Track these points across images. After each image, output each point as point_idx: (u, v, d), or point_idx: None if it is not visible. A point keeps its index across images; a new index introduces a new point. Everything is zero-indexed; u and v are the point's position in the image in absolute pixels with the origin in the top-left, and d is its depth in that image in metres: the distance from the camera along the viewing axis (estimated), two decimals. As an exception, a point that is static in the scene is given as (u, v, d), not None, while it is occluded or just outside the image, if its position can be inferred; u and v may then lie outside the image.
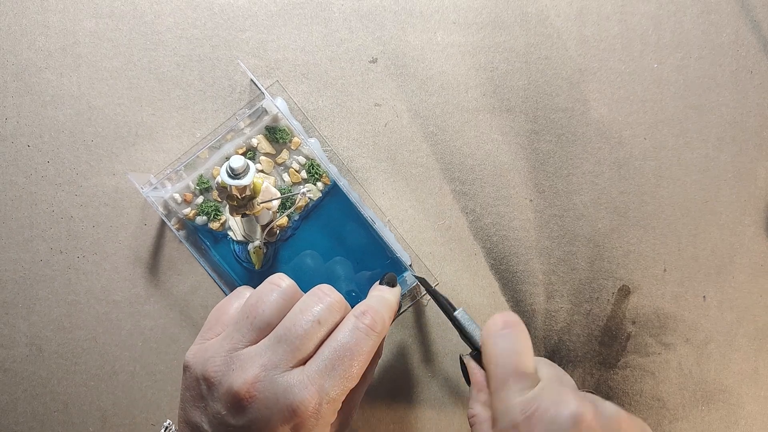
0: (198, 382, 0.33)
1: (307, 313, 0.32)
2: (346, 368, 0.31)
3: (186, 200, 0.42)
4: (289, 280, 0.35)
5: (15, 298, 0.44)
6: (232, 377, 0.31)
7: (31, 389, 0.44)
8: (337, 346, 0.32)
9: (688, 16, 0.45)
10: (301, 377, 0.31)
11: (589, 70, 0.44)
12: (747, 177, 0.45)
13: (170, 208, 0.43)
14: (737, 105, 0.45)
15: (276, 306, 0.33)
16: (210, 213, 0.42)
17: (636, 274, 0.45)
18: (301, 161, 0.43)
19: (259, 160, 0.42)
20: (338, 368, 0.31)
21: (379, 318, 0.34)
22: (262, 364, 0.31)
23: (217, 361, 0.32)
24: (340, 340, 0.32)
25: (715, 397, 0.45)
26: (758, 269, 0.45)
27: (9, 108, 0.44)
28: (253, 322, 0.33)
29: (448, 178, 0.44)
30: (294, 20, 0.44)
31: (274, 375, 0.31)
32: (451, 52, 0.44)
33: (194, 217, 0.43)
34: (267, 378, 0.31)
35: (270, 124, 0.42)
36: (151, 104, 0.44)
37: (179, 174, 0.42)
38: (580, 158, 0.44)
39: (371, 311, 0.33)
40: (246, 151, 0.43)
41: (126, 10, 0.44)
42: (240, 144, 0.42)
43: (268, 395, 0.30)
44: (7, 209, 0.44)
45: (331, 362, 0.31)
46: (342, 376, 0.31)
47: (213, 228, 0.43)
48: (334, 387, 0.31)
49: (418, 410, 0.44)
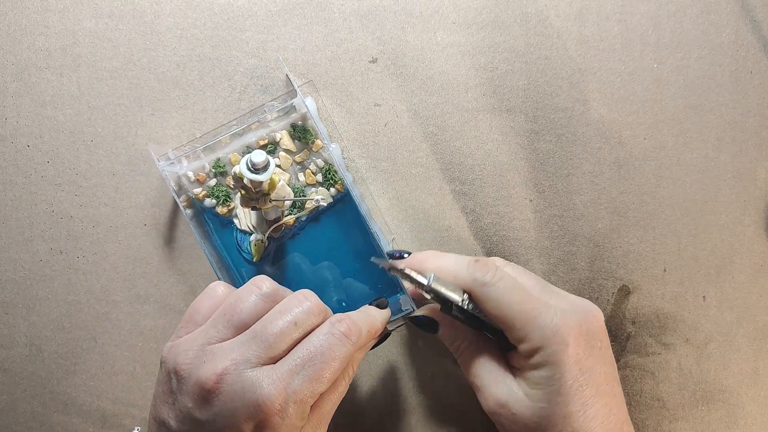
0: (169, 376, 0.33)
1: (285, 314, 0.33)
2: (316, 371, 0.31)
3: (199, 180, 0.42)
4: (272, 283, 0.35)
5: (15, 298, 0.44)
6: (201, 369, 0.31)
7: (30, 389, 0.44)
8: (309, 348, 0.32)
9: (687, 17, 0.45)
10: (269, 373, 0.31)
11: (589, 70, 0.44)
12: (747, 177, 0.45)
13: (182, 185, 0.43)
14: (737, 105, 0.45)
15: (254, 307, 0.34)
16: (220, 197, 0.42)
17: (636, 274, 0.45)
18: (319, 164, 0.43)
19: (278, 155, 0.42)
20: (308, 369, 0.31)
21: (356, 328, 0.34)
22: (232, 359, 0.31)
23: (189, 354, 0.32)
24: (314, 342, 0.32)
25: (715, 397, 0.45)
26: (758, 269, 0.45)
27: (9, 108, 0.44)
28: (230, 320, 0.33)
29: (448, 178, 0.44)
30: (294, 20, 0.44)
31: (243, 369, 0.31)
32: (451, 52, 0.44)
33: (203, 198, 0.42)
34: (236, 371, 0.31)
35: (296, 122, 0.43)
36: (150, 104, 0.44)
37: (197, 153, 0.42)
38: (580, 158, 0.44)
39: (348, 320, 0.34)
40: (267, 143, 0.42)
41: (126, 10, 0.44)
42: (263, 136, 0.42)
43: (235, 388, 0.30)
44: (7, 209, 0.44)
45: (302, 362, 0.31)
46: (311, 377, 0.31)
47: (220, 212, 0.43)
48: (302, 388, 0.31)
49: (419, 412, 0.44)
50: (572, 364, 0.33)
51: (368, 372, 0.44)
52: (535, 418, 0.33)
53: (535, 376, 0.33)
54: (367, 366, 0.44)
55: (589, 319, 0.35)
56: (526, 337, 0.33)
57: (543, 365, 0.33)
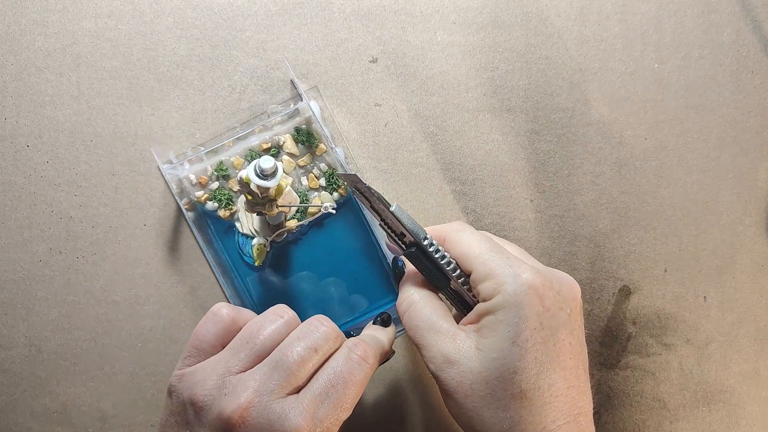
0: (184, 406, 0.32)
1: (304, 340, 0.32)
2: (339, 397, 0.31)
3: (201, 183, 0.42)
4: (291, 312, 0.34)
5: (14, 298, 0.44)
6: (223, 402, 0.30)
7: (30, 390, 0.44)
8: (331, 374, 0.31)
9: (688, 16, 0.45)
10: (296, 404, 0.30)
11: (589, 70, 0.44)
12: (748, 177, 0.45)
13: (183, 187, 0.43)
14: (738, 105, 0.45)
15: (278, 335, 0.33)
16: (222, 201, 0.42)
17: (637, 275, 0.44)
18: (323, 168, 0.43)
19: (282, 159, 0.42)
20: (332, 396, 0.31)
21: (371, 351, 0.33)
22: (255, 389, 0.30)
23: (208, 384, 0.31)
24: (334, 368, 0.32)
25: (716, 397, 0.45)
26: (759, 269, 0.45)
27: (8, 108, 0.44)
28: (253, 348, 0.32)
29: (449, 178, 0.44)
30: (294, 20, 0.44)
31: (268, 401, 0.30)
32: (452, 52, 0.44)
33: (205, 201, 0.42)
34: (261, 403, 0.30)
35: (300, 125, 0.42)
36: (150, 104, 0.44)
37: (199, 156, 0.42)
38: (580, 158, 0.44)
39: (363, 344, 0.33)
40: (271, 147, 0.42)
41: (125, 9, 0.44)
42: (266, 139, 0.42)
43: (262, 421, 0.30)
44: (6, 209, 0.44)
45: (326, 390, 0.31)
46: (335, 405, 0.31)
47: (221, 216, 0.43)
48: (327, 416, 0.30)
49: (419, 411, 0.44)
50: (533, 315, 0.31)
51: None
52: (483, 371, 0.31)
53: (491, 321, 0.31)
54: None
55: (563, 282, 0.33)
56: (489, 274, 0.32)
57: (501, 307, 0.31)
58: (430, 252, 0.34)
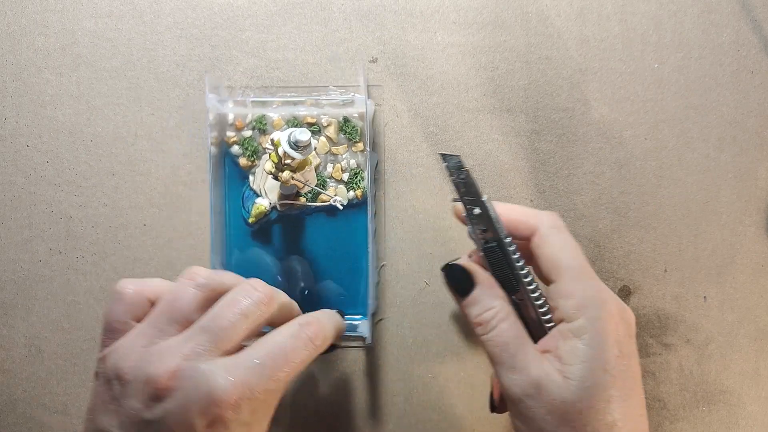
0: (110, 383, 0.30)
1: (234, 306, 0.31)
2: (274, 369, 0.30)
3: (237, 126, 0.43)
4: (207, 273, 0.33)
5: (14, 298, 0.44)
6: (150, 369, 0.29)
7: (30, 390, 0.44)
8: (272, 347, 0.30)
9: (688, 16, 0.45)
10: (226, 365, 0.29)
11: (589, 70, 0.44)
12: (748, 177, 0.45)
13: (219, 121, 0.43)
14: (738, 105, 0.45)
15: (195, 300, 0.32)
16: (248, 150, 0.43)
17: (636, 275, 0.44)
18: (352, 164, 0.43)
19: (318, 138, 0.43)
20: (267, 368, 0.30)
21: (322, 333, 0.33)
22: (183, 354, 0.29)
23: (132, 356, 0.30)
24: (278, 341, 0.31)
25: (716, 397, 0.45)
26: (759, 269, 0.45)
27: (8, 108, 0.44)
28: (171, 317, 0.31)
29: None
30: (294, 20, 0.44)
31: (197, 363, 0.29)
32: (452, 52, 0.44)
33: (232, 144, 0.43)
34: (189, 367, 0.29)
35: (351, 116, 0.43)
36: (150, 104, 0.44)
37: (245, 102, 0.43)
38: (580, 158, 0.44)
39: (316, 324, 0.33)
40: (314, 123, 0.43)
41: (125, 9, 0.44)
42: (314, 114, 0.43)
43: (188, 384, 0.28)
44: (6, 209, 0.44)
45: (262, 360, 0.30)
46: (269, 376, 0.29)
47: (241, 164, 0.43)
48: (258, 384, 0.29)
49: (419, 412, 0.44)
50: (615, 343, 0.30)
51: (368, 372, 0.44)
52: (577, 401, 0.29)
53: (576, 348, 0.30)
54: (366, 365, 0.44)
55: (627, 311, 0.32)
56: (575, 293, 0.31)
57: (586, 332, 0.30)
58: (509, 251, 0.33)
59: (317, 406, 0.44)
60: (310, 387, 0.44)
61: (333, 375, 0.44)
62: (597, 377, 0.29)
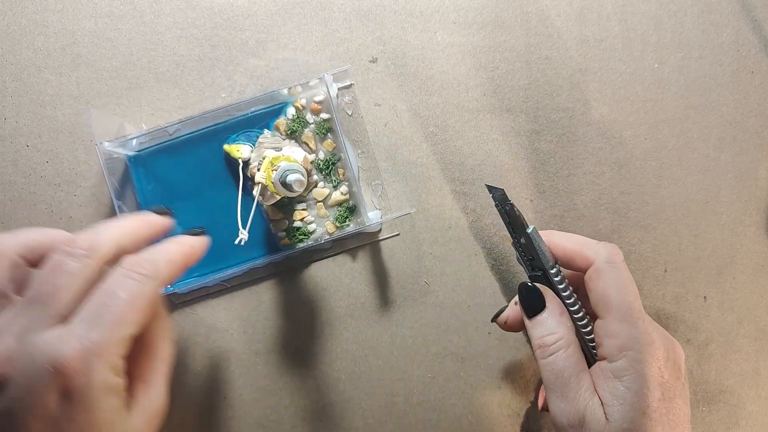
0: None
1: (54, 268, 0.28)
2: (113, 315, 0.27)
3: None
4: (10, 239, 0.30)
5: (14, 298, 0.44)
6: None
7: (30, 390, 0.44)
8: (101, 294, 0.28)
9: (688, 16, 0.45)
10: (59, 332, 0.26)
11: (589, 70, 0.44)
12: (748, 177, 0.45)
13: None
14: (738, 105, 0.45)
15: (7, 273, 0.29)
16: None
17: (637, 275, 0.44)
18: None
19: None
20: (104, 315, 0.27)
21: (149, 263, 0.30)
22: (13, 333, 0.27)
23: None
24: (103, 287, 0.28)
25: (716, 397, 0.45)
26: (759, 269, 0.45)
27: (8, 108, 0.44)
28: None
29: (448, 178, 0.44)
30: (294, 20, 0.44)
31: (29, 339, 0.26)
32: (452, 52, 0.44)
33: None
34: (21, 346, 0.26)
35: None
36: (150, 104, 0.44)
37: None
38: (580, 158, 0.44)
39: (140, 258, 0.30)
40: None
41: (125, 9, 0.44)
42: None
43: (25, 362, 0.26)
44: (6, 209, 0.44)
45: (96, 310, 0.27)
46: (112, 323, 0.27)
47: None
48: (102, 336, 0.26)
49: (419, 412, 0.44)
50: (657, 385, 0.30)
51: (367, 371, 0.44)
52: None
53: (616, 389, 0.31)
54: (365, 364, 0.44)
55: (676, 350, 0.32)
56: (619, 333, 0.31)
57: (627, 373, 0.30)
58: (555, 282, 0.34)
59: (318, 405, 0.44)
60: (310, 386, 0.44)
61: (332, 375, 0.44)
62: (636, 420, 0.30)
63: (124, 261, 0.29)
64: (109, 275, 0.29)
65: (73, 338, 0.26)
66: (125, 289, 0.28)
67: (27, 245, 0.31)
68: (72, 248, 0.29)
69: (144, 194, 0.42)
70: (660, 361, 0.31)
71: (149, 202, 0.42)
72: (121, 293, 0.28)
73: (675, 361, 0.32)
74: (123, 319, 0.27)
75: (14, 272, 0.29)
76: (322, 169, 0.43)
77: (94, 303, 0.28)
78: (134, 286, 0.28)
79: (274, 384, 0.44)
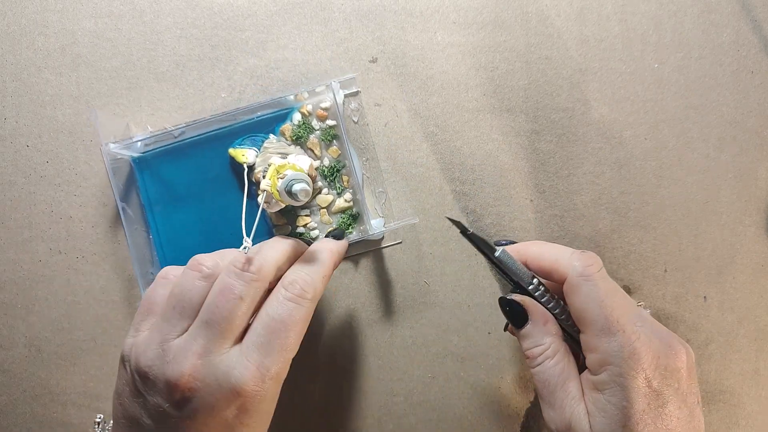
0: (133, 376, 0.32)
1: (227, 292, 0.31)
2: (282, 341, 0.31)
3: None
4: (211, 260, 0.33)
5: (14, 298, 0.44)
6: (168, 370, 0.30)
7: (30, 390, 0.44)
8: (268, 321, 0.31)
9: (688, 16, 0.45)
10: (239, 357, 0.30)
11: (589, 70, 0.44)
12: (748, 177, 0.45)
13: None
14: (738, 105, 0.45)
15: (202, 292, 0.32)
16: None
17: (637, 275, 0.44)
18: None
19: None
20: (274, 342, 0.31)
21: (310, 286, 0.33)
22: (196, 352, 0.30)
23: (149, 354, 0.31)
24: (271, 313, 0.31)
25: (716, 397, 0.45)
26: (759, 270, 0.45)
27: (8, 108, 0.44)
28: (182, 311, 0.32)
29: (448, 178, 0.44)
30: (294, 20, 0.44)
31: (211, 360, 0.30)
32: (452, 52, 0.44)
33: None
34: (204, 365, 0.30)
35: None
36: (150, 104, 0.44)
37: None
38: (580, 158, 0.44)
39: (300, 280, 0.33)
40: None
41: (125, 9, 0.44)
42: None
43: (209, 382, 0.30)
44: (6, 209, 0.44)
45: (267, 338, 0.31)
46: (279, 349, 0.31)
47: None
48: (274, 362, 0.30)
49: (419, 412, 0.44)
50: (640, 397, 0.30)
51: (367, 371, 0.44)
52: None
53: (600, 401, 0.31)
54: (365, 364, 0.44)
55: (670, 354, 0.32)
56: (598, 347, 0.31)
57: (608, 387, 0.31)
58: (536, 296, 0.34)
59: (318, 405, 0.44)
60: (310, 386, 0.44)
61: (332, 374, 0.44)
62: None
63: (288, 283, 0.33)
64: (273, 297, 0.32)
65: (252, 364, 0.30)
66: (291, 316, 0.31)
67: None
68: (242, 271, 0.32)
69: (148, 196, 0.43)
70: (646, 370, 0.31)
71: (153, 203, 0.43)
72: (288, 320, 0.31)
73: (668, 366, 0.31)
74: (289, 345, 0.31)
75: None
76: (326, 175, 0.43)
77: (264, 328, 0.31)
78: (298, 313, 0.32)
79: (274, 384, 0.44)
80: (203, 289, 0.32)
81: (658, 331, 0.33)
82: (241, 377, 0.30)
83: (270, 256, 0.33)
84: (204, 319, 0.31)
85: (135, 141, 0.41)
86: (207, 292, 0.32)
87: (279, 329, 0.31)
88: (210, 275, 0.33)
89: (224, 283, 0.32)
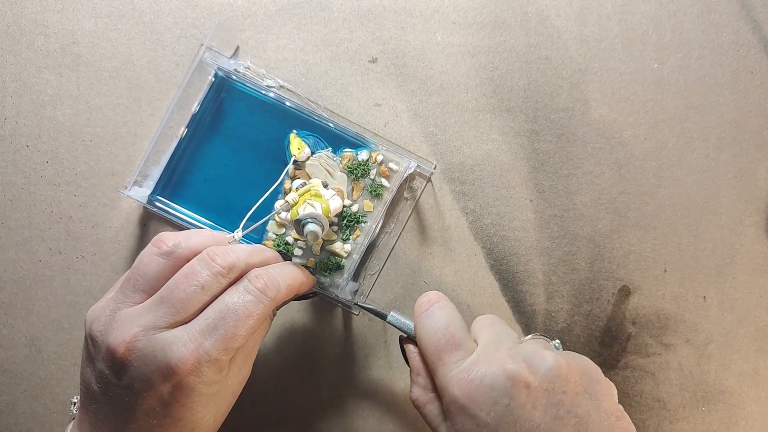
0: (87, 341, 0.33)
1: (192, 277, 0.32)
2: (229, 329, 0.31)
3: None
4: (173, 239, 0.34)
5: (14, 298, 0.44)
6: (111, 336, 0.31)
7: (30, 390, 0.44)
8: (222, 307, 0.31)
9: (688, 16, 0.45)
10: (180, 335, 0.31)
11: (589, 70, 0.44)
12: (747, 177, 0.45)
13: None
14: (738, 105, 0.45)
15: (157, 268, 0.33)
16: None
17: (636, 275, 0.44)
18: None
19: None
20: (221, 328, 0.31)
21: (273, 284, 0.33)
22: (141, 324, 0.31)
23: (101, 320, 0.32)
24: (227, 300, 0.32)
25: (716, 397, 0.45)
26: (759, 269, 0.45)
27: (8, 108, 0.44)
28: (135, 284, 0.33)
29: (448, 178, 0.44)
30: (294, 20, 0.44)
31: (153, 334, 0.31)
32: (451, 52, 0.44)
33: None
34: (145, 337, 0.31)
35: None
36: (150, 104, 0.44)
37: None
38: (580, 158, 0.44)
39: (266, 276, 0.33)
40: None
41: (125, 9, 0.44)
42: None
43: (147, 353, 0.30)
44: (6, 209, 0.44)
45: (214, 322, 0.31)
46: (225, 336, 0.31)
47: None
48: (215, 346, 0.30)
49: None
50: (468, 428, 0.32)
51: (367, 371, 0.44)
52: None
53: (442, 429, 0.34)
54: (365, 364, 0.44)
55: (496, 378, 0.31)
56: (431, 384, 0.35)
57: (443, 419, 0.34)
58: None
59: (318, 405, 0.44)
60: (310, 386, 0.44)
61: (332, 374, 0.44)
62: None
63: (253, 277, 0.33)
64: (234, 286, 0.33)
65: (191, 343, 0.30)
66: (245, 307, 0.31)
67: (184, 252, 0.34)
68: (214, 265, 0.32)
69: (203, 112, 0.43)
70: (465, 404, 0.32)
71: (201, 122, 0.43)
72: (241, 311, 0.31)
73: (492, 385, 0.31)
74: (236, 335, 0.31)
75: (168, 273, 0.33)
76: (345, 217, 0.42)
77: (214, 314, 0.31)
78: (252, 306, 0.32)
79: (273, 384, 0.44)
80: (159, 266, 0.33)
81: (496, 354, 0.34)
82: (176, 353, 0.30)
83: (245, 260, 0.34)
84: (161, 296, 0.32)
85: (233, 61, 0.43)
86: (162, 269, 0.33)
87: (229, 317, 0.31)
88: (168, 253, 0.33)
89: (192, 268, 0.32)
